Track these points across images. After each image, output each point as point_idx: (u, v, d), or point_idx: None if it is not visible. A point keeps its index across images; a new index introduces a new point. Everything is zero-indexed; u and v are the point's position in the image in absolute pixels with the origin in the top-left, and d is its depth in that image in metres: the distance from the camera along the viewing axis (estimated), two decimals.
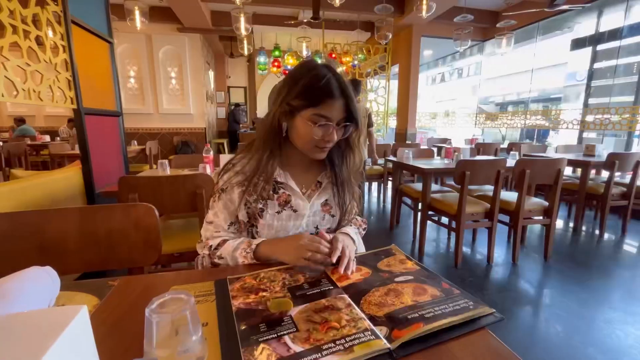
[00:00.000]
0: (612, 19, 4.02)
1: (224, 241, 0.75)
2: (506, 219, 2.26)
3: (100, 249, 0.83)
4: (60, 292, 0.55)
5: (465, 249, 2.50)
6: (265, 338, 0.45)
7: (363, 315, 0.49)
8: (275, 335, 0.45)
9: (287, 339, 0.45)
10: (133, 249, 0.85)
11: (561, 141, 6.27)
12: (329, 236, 0.72)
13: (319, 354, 0.41)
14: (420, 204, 2.41)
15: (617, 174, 2.65)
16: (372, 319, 0.49)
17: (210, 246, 0.76)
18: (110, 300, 0.56)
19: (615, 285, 1.95)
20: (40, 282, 0.50)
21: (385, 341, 0.44)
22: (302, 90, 0.70)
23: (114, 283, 0.62)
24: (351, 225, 0.86)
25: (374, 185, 4.69)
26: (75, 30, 1.80)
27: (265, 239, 0.75)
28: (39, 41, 1.55)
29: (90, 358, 0.33)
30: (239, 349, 0.43)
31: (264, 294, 0.56)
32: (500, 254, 2.39)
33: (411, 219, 3.04)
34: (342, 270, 0.63)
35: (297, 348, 0.43)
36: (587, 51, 4.30)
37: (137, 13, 3.14)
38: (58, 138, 5.33)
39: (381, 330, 0.46)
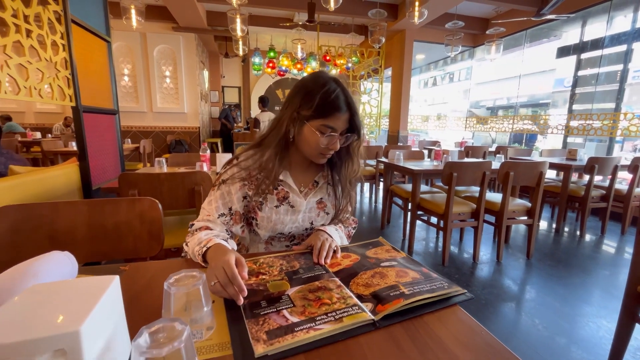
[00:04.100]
0: (595, 29, 4.19)
1: (206, 228, 0.77)
2: (492, 219, 2.36)
3: (107, 240, 0.89)
4: (77, 275, 0.61)
5: (453, 248, 2.59)
6: (266, 312, 0.51)
7: (352, 294, 0.56)
8: (275, 309, 0.52)
9: (285, 312, 0.51)
10: (138, 241, 0.91)
11: (548, 145, 6.46)
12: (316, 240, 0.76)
13: (313, 323, 0.48)
14: (410, 204, 2.50)
15: (598, 177, 2.78)
16: (360, 297, 0.56)
17: (192, 224, 0.79)
18: (125, 281, 0.62)
19: (592, 283, 2.06)
20: (62, 264, 0.56)
21: (370, 314, 0.51)
22: (313, 103, 0.76)
23: (125, 268, 0.68)
24: (337, 224, 0.92)
25: (366, 185, 4.77)
26: (74, 29, 1.84)
27: (220, 243, 0.69)
28: (40, 40, 1.58)
29: (121, 318, 0.39)
30: (243, 320, 0.49)
31: (264, 277, 0.63)
32: (485, 252, 2.49)
33: (401, 218, 3.13)
34: (322, 260, 0.70)
35: (294, 319, 0.49)
36: (572, 59, 4.46)
37: (133, 12, 3.16)
38: (50, 135, 5.28)
39: (367, 306, 0.53)
